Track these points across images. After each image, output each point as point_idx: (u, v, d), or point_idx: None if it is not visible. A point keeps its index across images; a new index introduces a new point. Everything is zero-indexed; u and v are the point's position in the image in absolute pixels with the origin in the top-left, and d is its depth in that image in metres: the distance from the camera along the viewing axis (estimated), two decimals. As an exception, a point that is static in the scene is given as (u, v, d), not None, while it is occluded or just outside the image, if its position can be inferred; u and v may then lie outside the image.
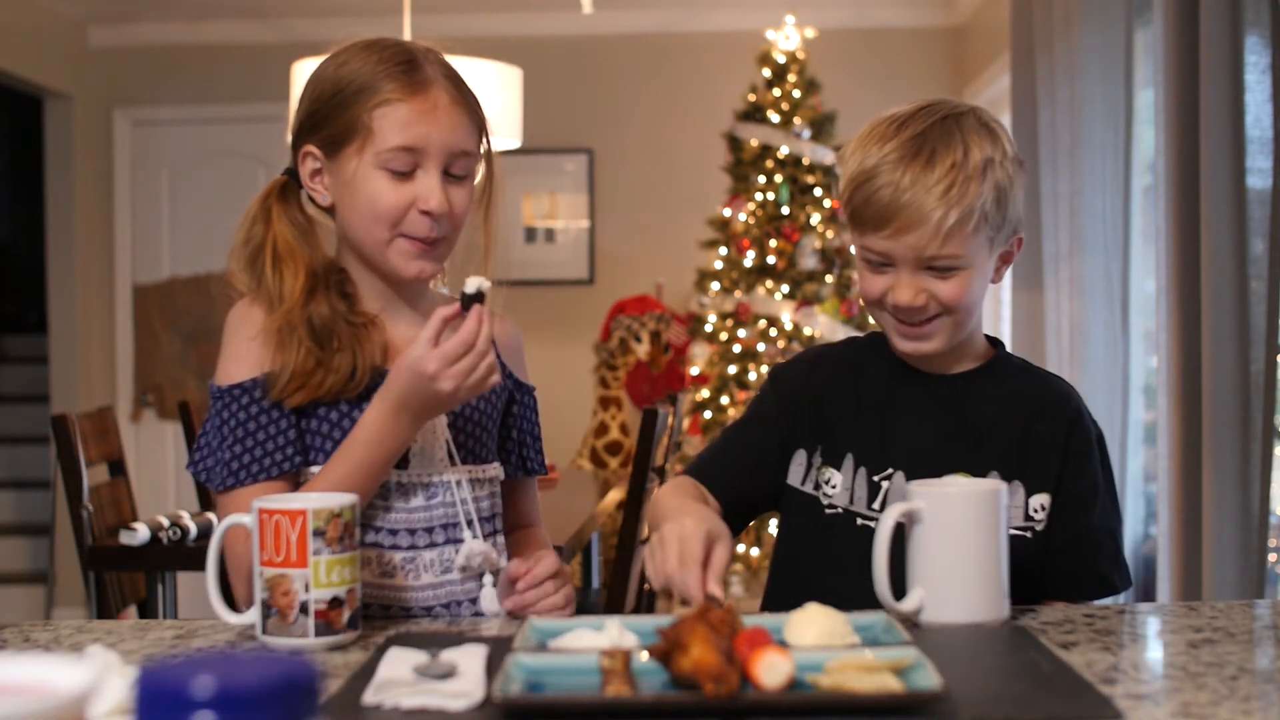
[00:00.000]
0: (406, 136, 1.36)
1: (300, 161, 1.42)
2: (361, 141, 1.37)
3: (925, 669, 0.98)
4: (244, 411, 1.37)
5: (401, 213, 1.37)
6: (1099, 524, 1.44)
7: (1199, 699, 0.98)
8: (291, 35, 5.52)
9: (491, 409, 1.51)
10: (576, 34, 5.61)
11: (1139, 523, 3.44)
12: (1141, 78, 3.36)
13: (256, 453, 1.36)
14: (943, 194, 1.33)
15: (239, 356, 1.39)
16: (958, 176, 1.33)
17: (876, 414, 1.46)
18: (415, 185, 1.37)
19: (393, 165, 1.36)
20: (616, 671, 0.97)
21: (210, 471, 1.40)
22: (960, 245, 1.35)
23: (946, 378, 1.48)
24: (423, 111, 1.37)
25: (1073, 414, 1.46)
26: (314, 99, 1.41)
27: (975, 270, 1.39)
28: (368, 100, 1.36)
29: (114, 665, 0.97)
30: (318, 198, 1.42)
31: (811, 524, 1.47)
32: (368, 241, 1.40)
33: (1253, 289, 2.36)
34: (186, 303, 5.77)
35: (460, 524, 1.43)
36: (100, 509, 2.85)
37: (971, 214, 1.34)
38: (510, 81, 3.46)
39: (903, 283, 1.39)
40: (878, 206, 1.36)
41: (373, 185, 1.37)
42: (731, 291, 4.84)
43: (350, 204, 1.39)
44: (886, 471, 1.44)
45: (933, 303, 1.39)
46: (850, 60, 5.41)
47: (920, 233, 1.34)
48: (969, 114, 1.40)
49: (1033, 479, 1.42)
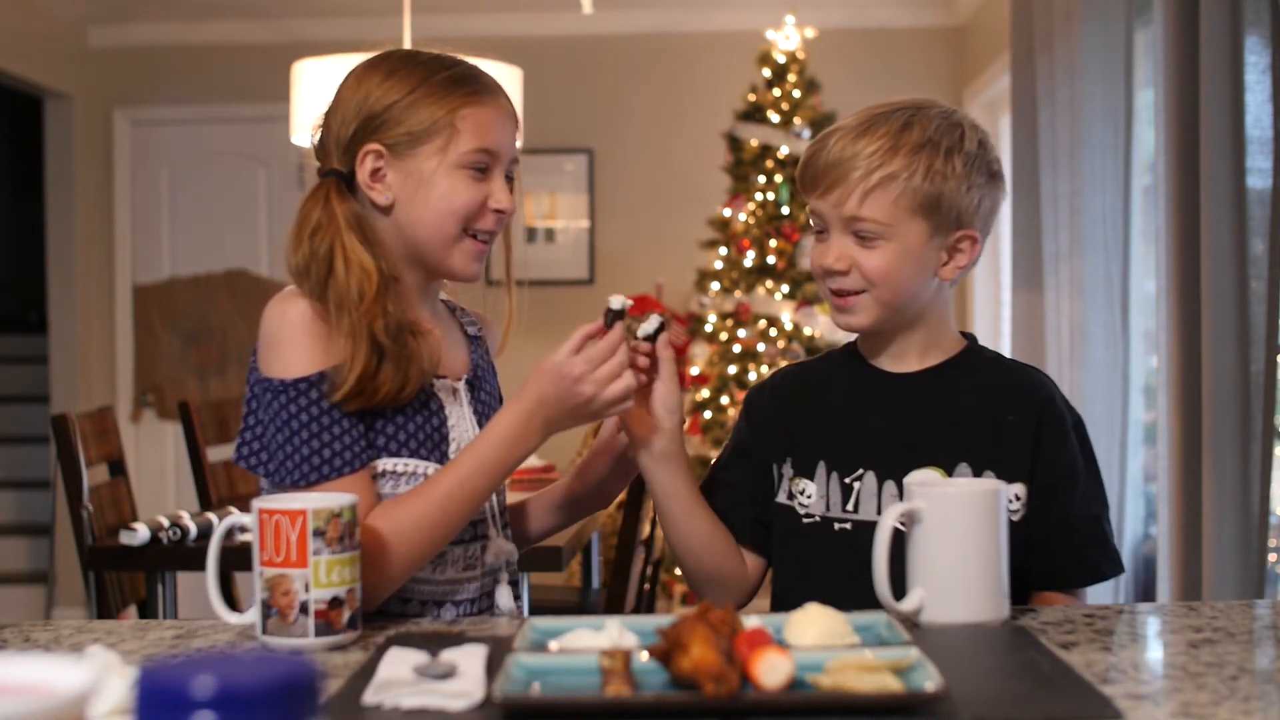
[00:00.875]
0: (488, 139, 1.42)
1: (359, 162, 1.42)
2: (444, 141, 1.41)
3: (925, 669, 0.98)
4: (316, 406, 1.35)
5: (477, 211, 1.43)
6: (1080, 510, 1.44)
7: (1199, 699, 0.98)
8: (291, 35, 5.52)
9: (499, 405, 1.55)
10: (576, 34, 5.60)
11: (1139, 523, 3.44)
12: (1141, 78, 3.36)
13: (336, 446, 1.35)
14: (868, 156, 1.40)
15: (298, 349, 1.36)
16: (886, 144, 1.40)
17: (843, 417, 1.48)
18: (488, 185, 1.44)
19: (475, 165, 1.42)
20: (616, 671, 0.97)
21: (275, 467, 1.37)
22: (881, 211, 1.39)
23: (913, 374, 1.49)
24: (500, 117, 1.45)
25: (1043, 401, 1.46)
26: (377, 101, 1.41)
27: (901, 247, 1.41)
28: (449, 102, 1.41)
29: (114, 665, 0.97)
30: (376, 197, 1.43)
31: (792, 535, 1.48)
32: (435, 238, 1.42)
33: (1253, 289, 2.36)
34: (186, 303, 5.77)
35: (486, 521, 1.48)
36: (100, 509, 2.85)
37: (893, 180, 1.39)
38: (510, 81, 3.46)
39: (831, 244, 1.44)
40: (813, 168, 1.44)
41: (452, 183, 1.41)
42: (731, 291, 4.83)
43: (422, 200, 1.41)
44: (857, 472, 1.45)
45: (855, 272, 1.42)
46: (850, 60, 5.41)
47: (841, 190, 1.41)
48: (941, 110, 1.44)
49: (1005, 469, 1.41)
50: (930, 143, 1.40)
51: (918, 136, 1.40)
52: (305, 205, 1.43)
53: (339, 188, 1.43)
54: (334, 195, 1.42)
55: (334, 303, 1.37)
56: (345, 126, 1.43)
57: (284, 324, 1.38)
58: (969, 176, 1.41)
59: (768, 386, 1.58)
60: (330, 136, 1.45)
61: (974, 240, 1.45)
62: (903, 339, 1.48)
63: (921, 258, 1.42)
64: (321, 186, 1.44)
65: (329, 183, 1.44)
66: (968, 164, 1.41)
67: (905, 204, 1.39)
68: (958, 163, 1.40)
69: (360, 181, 1.43)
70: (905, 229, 1.40)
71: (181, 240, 5.80)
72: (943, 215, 1.41)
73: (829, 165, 1.41)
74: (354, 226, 1.40)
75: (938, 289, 1.47)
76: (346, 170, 1.43)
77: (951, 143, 1.41)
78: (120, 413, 5.68)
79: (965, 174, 1.41)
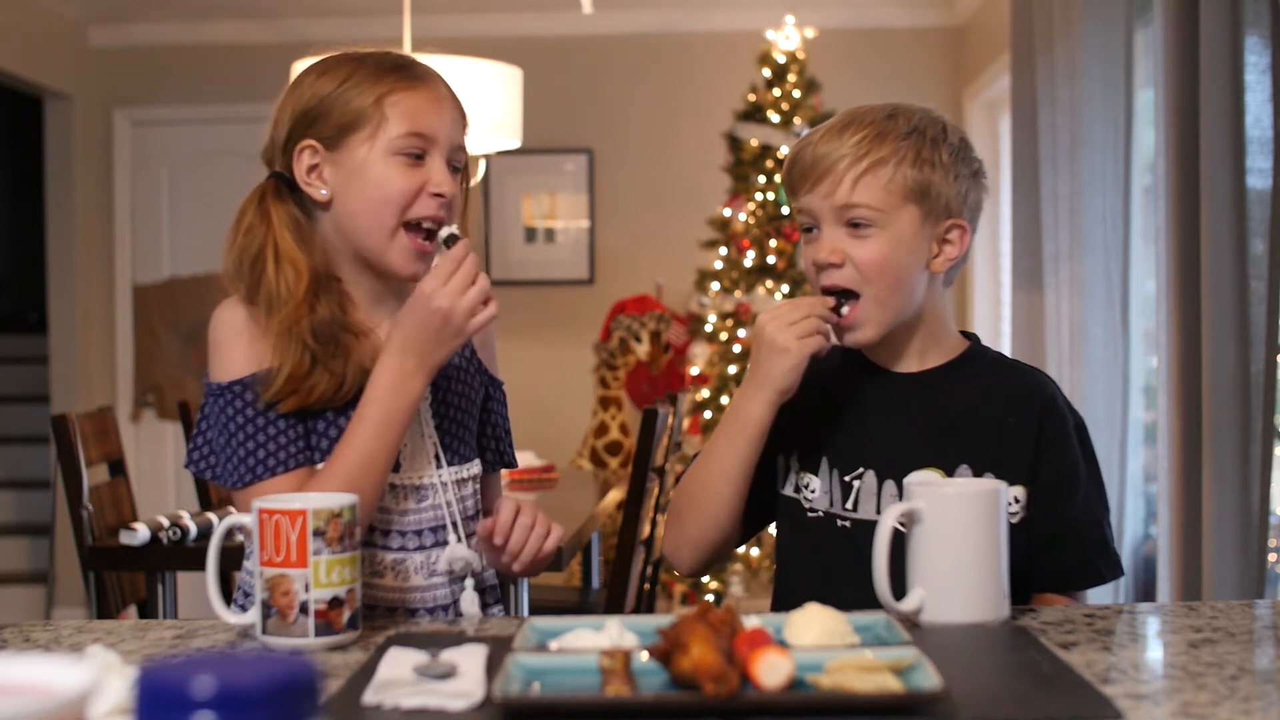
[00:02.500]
0: (418, 123, 1.40)
1: (295, 158, 1.41)
2: (373, 129, 1.39)
3: (925, 669, 0.98)
4: (250, 408, 1.36)
5: (413, 196, 1.40)
6: (1081, 513, 1.44)
7: (1199, 699, 0.98)
8: (291, 35, 5.52)
9: (471, 405, 1.53)
10: (576, 34, 5.60)
11: (1139, 523, 3.44)
12: (1141, 78, 3.36)
13: (270, 446, 1.36)
14: (855, 144, 1.40)
15: (235, 352, 1.38)
16: (873, 132, 1.40)
17: (847, 415, 1.48)
18: (424, 170, 1.40)
19: (406, 150, 1.39)
20: (616, 671, 0.97)
21: (219, 470, 1.39)
22: (873, 197, 1.39)
23: (916, 374, 1.49)
24: (431, 100, 1.41)
25: (1045, 403, 1.46)
26: (310, 98, 1.41)
27: (894, 236, 1.40)
28: (376, 90, 1.39)
29: (114, 665, 0.97)
30: (314, 193, 1.42)
31: (797, 526, 1.49)
32: (372, 230, 1.40)
33: (1253, 289, 2.36)
34: (186, 303, 5.77)
35: (445, 527, 1.45)
36: (100, 509, 2.85)
37: (883, 165, 1.39)
38: (510, 81, 3.46)
39: (823, 238, 1.43)
40: (800, 165, 1.44)
41: (384, 170, 1.39)
42: (731, 291, 4.83)
43: (358, 191, 1.40)
44: (857, 471, 1.45)
45: (849, 265, 1.41)
46: (850, 60, 5.41)
47: (831, 179, 1.41)
48: (924, 110, 1.45)
49: (1006, 471, 1.41)
50: (916, 131, 1.41)
51: (903, 125, 1.41)
52: (242, 206, 1.43)
53: (277, 189, 1.43)
54: (270, 196, 1.42)
55: (264, 302, 1.38)
56: (281, 127, 1.43)
57: (220, 327, 1.40)
58: (955, 166, 1.43)
59: None
60: (271, 140, 1.45)
61: (963, 230, 1.45)
62: (902, 339, 1.48)
63: (914, 247, 1.42)
64: (259, 188, 1.44)
65: (267, 184, 1.43)
66: (953, 154, 1.43)
67: (896, 189, 1.40)
68: (944, 151, 1.42)
69: (298, 179, 1.42)
70: (897, 215, 1.40)
71: (181, 240, 5.80)
72: (932, 202, 1.41)
73: (815, 159, 1.42)
74: (289, 226, 1.40)
75: (931, 284, 1.46)
76: (285, 170, 1.43)
77: (936, 133, 1.43)
78: (120, 413, 5.68)
79: (951, 163, 1.42)
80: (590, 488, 3.67)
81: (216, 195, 5.71)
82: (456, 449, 1.48)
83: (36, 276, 5.93)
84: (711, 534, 1.49)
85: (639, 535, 2.79)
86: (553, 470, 3.65)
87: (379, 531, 1.41)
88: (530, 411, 5.20)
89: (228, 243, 1.42)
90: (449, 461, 1.46)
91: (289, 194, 1.43)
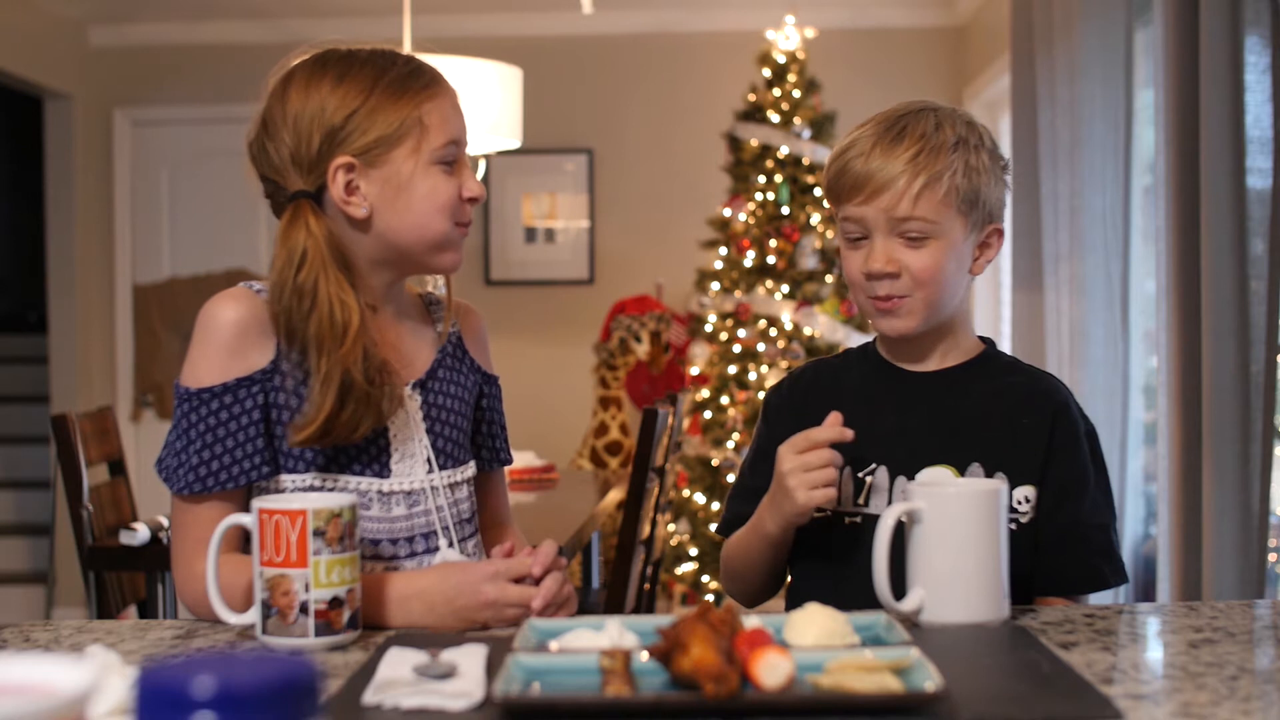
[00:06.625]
0: (452, 130, 1.40)
1: (330, 178, 1.37)
2: (416, 140, 1.37)
3: (925, 669, 0.98)
4: (213, 417, 1.34)
5: (459, 203, 1.41)
6: (1088, 517, 1.45)
7: (1199, 699, 0.98)
8: (291, 35, 5.52)
9: (464, 407, 1.51)
10: (576, 34, 5.60)
11: (1139, 523, 3.44)
12: (1141, 78, 3.36)
13: (225, 460, 1.35)
14: (910, 159, 1.41)
15: (211, 362, 1.35)
16: (925, 145, 1.41)
17: (859, 412, 1.48)
18: (458, 175, 1.41)
19: (447, 158, 1.40)
20: (616, 671, 0.97)
21: (171, 473, 1.37)
22: (931, 209, 1.41)
23: (931, 373, 1.50)
24: (453, 104, 1.42)
25: (1058, 407, 1.47)
26: (335, 112, 1.36)
27: (947, 244, 1.43)
28: (410, 101, 1.37)
29: (114, 665, 0.97)
30: (353, 211, 1.37)
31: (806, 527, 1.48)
32: (425, 238, 1.39)
33: (1253, 289, 2.36)
34: (186, 303, 5.76)
35: (436, 533, 1.44)
36: (100, 509, 2.85)
37: (939, 179, 1.40)
38: (510, 81, 3.46)
39: (876, 248, 1.44)
40: (852, 175, 1.43)
41: (431, 180, 1.39)
42: (731, 291, 4.83)
43: (404, 205, 1.38)
44: (870, 467, 1.46)
45: (905, 274, 1.43)
46: (850, 60, 5.41)
47: (891, 194, 1.41)
48: (950, 109, 1.47)
49: (1016, 471, 1.42)
50: (962, 141, 1.43)
51: (950, 135, 1.43)
52: (287, 234, 1.36)
53: (314, 209, 1.37)
54: (312, 218, 1.36)
55: (314, 343, 1.33)
56: (306, 143, 1.36)
57: (209, 327, 1.35)
58: (994, 169, 1.46)
59: (786, 382, 1.60)
60: (285, 153, 1.38)
61: (1000, 234, 1.49)
62: (931, 339, 1.50)
63: (961, 254, 1.45)
64: (299, 211, 1.37)
65: (304, 205, 1.37)
66: (990, 157, 1.46)
67: (950, 201, 1.42)
68: (985, 158, 1.45)
69: (334, 198, 1.37)
70: (950, 226, 1.43)
71: (181, 240, 5.80)
72: (979, 210, 1.45)
73: (870, 172, 1.42)
74: (334, 255, 1.36)
75: (967, 288, 1.50)
76: (314, 189, 1.38)
77: (975, 139, 1.45)
78: (120, 413, 5.68)
79: (991, 167, 1.45)
80: (590, 488, 3.67)
81: (216, 195, 5.72)
82: (449, 452, 1.47)
83: (36, 276, 5.94)
84: (759, 595, 1.57)
85: (639, 535, 2.79)
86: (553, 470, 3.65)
87: (369, 540, 1.40)
88: (530, 411, 5.20)
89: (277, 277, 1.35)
90: (441, 465, 1.45)
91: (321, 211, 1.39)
